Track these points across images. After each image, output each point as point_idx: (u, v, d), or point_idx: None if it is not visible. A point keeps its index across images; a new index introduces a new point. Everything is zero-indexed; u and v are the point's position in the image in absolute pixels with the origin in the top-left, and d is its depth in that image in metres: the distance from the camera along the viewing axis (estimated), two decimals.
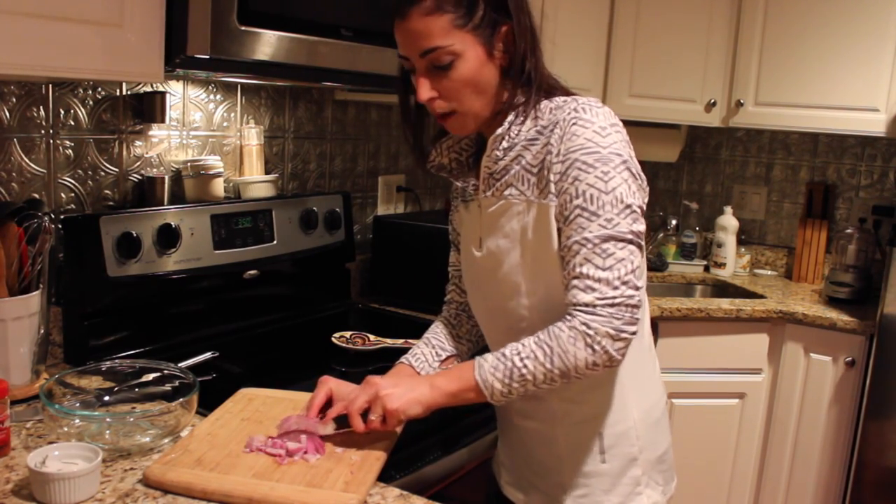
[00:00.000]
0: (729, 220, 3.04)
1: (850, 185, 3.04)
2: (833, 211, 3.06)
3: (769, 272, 3.16)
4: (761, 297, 2.74)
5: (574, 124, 1.11)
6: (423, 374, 1.33)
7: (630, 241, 1.09)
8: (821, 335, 2.53)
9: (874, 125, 2.63)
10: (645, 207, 1.14)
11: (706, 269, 3.13)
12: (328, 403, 1.26)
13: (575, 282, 1.10)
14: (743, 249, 3.12)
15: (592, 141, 1.09)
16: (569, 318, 1.10)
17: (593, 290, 1.08)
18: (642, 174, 1.15)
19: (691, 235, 3.16)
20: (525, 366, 1.10)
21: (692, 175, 3.37)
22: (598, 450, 1.23)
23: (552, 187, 1.13)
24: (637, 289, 1.09)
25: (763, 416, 2.66)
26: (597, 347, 1.08)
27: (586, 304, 1.08)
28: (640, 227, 1.11)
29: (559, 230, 1.13)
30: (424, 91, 1.14)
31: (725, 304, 2.59)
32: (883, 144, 2.96)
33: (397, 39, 1.14)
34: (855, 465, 2.48)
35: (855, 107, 2.64)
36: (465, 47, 1.11)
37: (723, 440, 2.65)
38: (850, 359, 2.48)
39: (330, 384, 1.28)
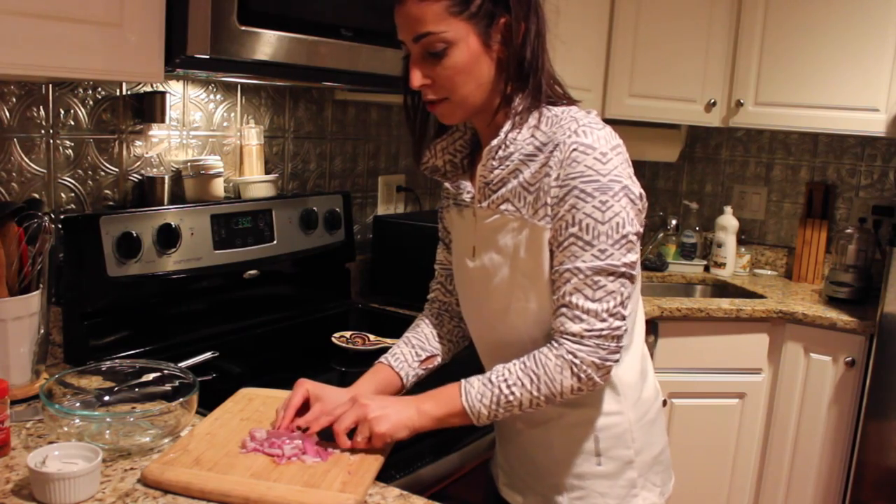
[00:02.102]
0: (729, 220, 3.04)
1: (850, 185, 3.04)
2: (833, 211, 3.06)
3: (769, 272, 3.16)
4: (761, 297, 2.74)
5: (574, 150, 1.10)
6: (402, 374, 1.33)
7: (622, 274, 1.10)
8: (821, 335, 2.53)
9: (874, 125, 2.63)
10: (642, 230, 1.14)
11: (706, 269, 3.13)
12: (305, 406, 1.26)
13: (564, 310, 1.12)
14: (743, 249, 3.12)
15: (593, 168, 1.09)
16: (555, 345, 1.12)
17: (581, 320, 1.10)
18: (642, 193, 1.14)
19: (691, 235, 3.16)
20: (512, 392, 1.12)
21: (692, 175, 3.37)
22: (593, 452, 1.24)
23: (548, 210, 1.13)
24: (624, 319, 1.12)
25: (763, 416, 2.66)
26: (582, 376, 1.11)
27: (573, 334, 1.11)
28: (633, 257, 1.12)
29: (552, 254, 1.14)
30: (416, 78, 1.14)
31: (725, 304, 2.59)
32: (883, 144, 2.96)
33: (396, 23, 1.15)
34: (855, 465, 2.48)
35: (855, 107, 2.64)
36: (459, 36, 1.10)
37: (723, 440, 2.65)
38: (850, 359, 2.48)
39: (307, 386, 1.27)
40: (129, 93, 1.74)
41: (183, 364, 1.52)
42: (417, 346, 1.37)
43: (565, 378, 1.11)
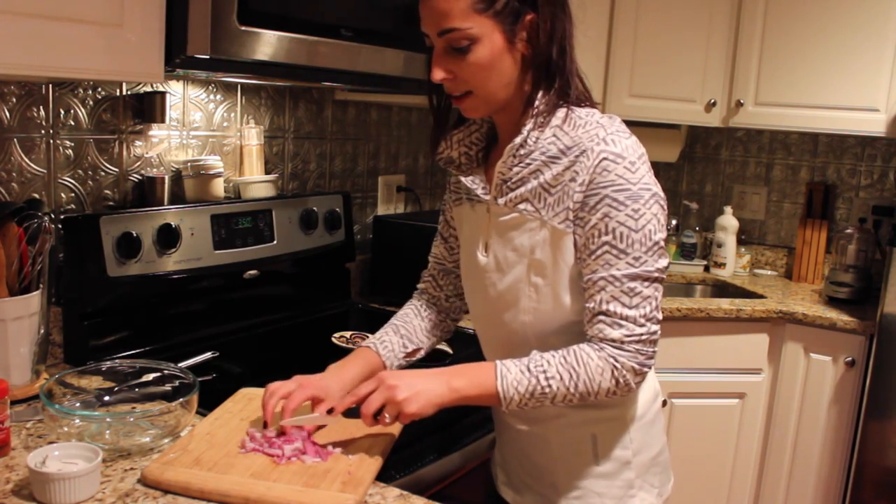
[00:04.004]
0: (729, 220, 3.04)
1: (850, 185, 3.04)
2: (833, 211, 3.06)
3: (769, 272, 3.16)
4: (761, 297, 2.74)
5: (604, 159, 1.11)
6: (388, 363, 1.32)
7: (655, 279, 1.12)
8: (821, 335, 2.53)
9: (874, 125, 2.63)
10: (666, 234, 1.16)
11: (706, 269, 3.13)
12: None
13: (602, 317, 1.12)
14: (743, 249, 3.12)
15: (623, 178, 1.10)
16: (596, 347, 1.12)
17: (621, 326, 1.11)
18: (664, 198, 1.15)
19: (691, 235, 3.16)
20: (549, 385, 1.11)
21: (692, 175, 3.37)
22: (591, 452, 1.24)
23: (570, 214, 1.13)
24: (659, 323, 1.13)
25: (763, 416, 2.66)
26: (621, 380, 1.12)
27: (614, 340, 1.11)
28: (665, 262, 1.13)
29: (581, 261, 1.14)
30: (438, 72, 1.14)
31: (725, 304, 2.59)
32: (883, 144, 2.96)
33: (420, 15, 1.15)
34: (855, 465, 2.48)
35: (855, 107, 2.64)
36: (484, 32, 1.10)
37: (723, 440, 2.65)
38: (850, 359, 2.48)
39: (311, 391, 1.21)
40: (129, 93, 1.74)
41: (183, 364, 1.52)
42: (406, 336, 1.37)
43: (605, 380, 1.11)
